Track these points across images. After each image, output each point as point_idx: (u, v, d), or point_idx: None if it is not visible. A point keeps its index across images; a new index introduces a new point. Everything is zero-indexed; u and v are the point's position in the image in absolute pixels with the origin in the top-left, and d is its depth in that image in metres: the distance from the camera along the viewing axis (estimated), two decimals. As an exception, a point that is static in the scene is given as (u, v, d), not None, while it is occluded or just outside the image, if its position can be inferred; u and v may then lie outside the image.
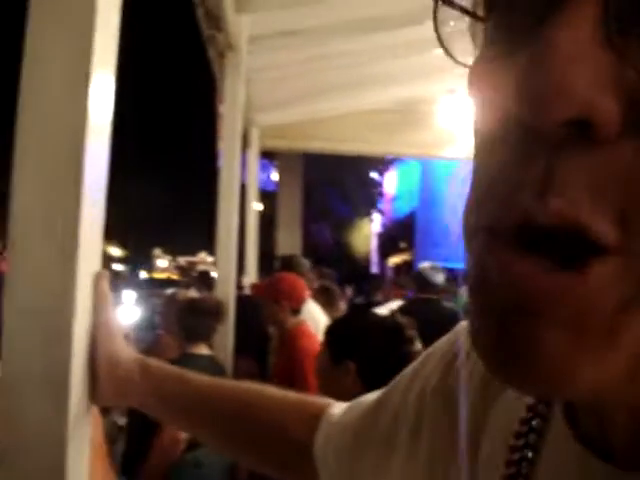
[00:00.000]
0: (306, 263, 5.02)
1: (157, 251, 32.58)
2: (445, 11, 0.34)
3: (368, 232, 26.40)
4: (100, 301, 0.88)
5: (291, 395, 0.87)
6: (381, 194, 26.01)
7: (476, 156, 0.34)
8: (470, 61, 0.34)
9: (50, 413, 0.81)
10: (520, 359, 0.30)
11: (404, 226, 21.81)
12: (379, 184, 25.79)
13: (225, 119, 3.96)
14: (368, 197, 26.18)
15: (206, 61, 4.39)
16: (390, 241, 23.79)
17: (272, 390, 0.89)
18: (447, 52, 0.34)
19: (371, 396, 0.73)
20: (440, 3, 0.34)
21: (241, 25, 3.93)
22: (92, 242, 0.86)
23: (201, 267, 10.86)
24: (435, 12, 0.34)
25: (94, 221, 0.87)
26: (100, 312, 0.89)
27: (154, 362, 0.93)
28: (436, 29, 0.34)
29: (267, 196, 12.19)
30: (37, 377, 0.81)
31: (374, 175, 25.52)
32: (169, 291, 4.31)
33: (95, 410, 0.95)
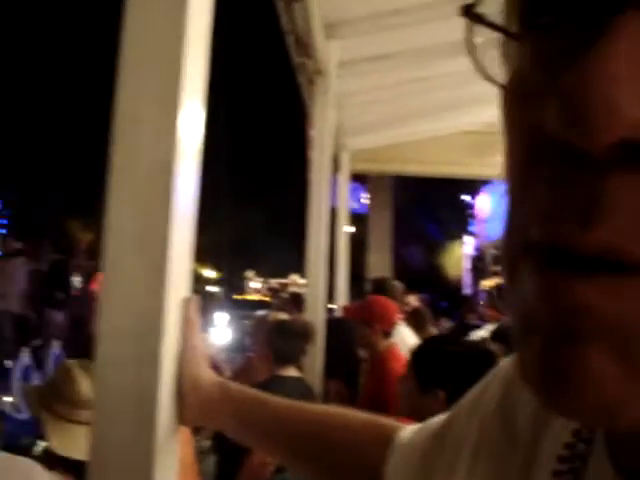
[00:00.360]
0: (399, 286, 4.99)
1: (250, 273, 33.13)
2: (479, 31, 0.32)
3: (460, 255, 26.01)
4: (188, 326, 0.91)
5: (369, 418, 0.87)
6: (473, 216, 25.62)
7: (511, 179, 0.33)
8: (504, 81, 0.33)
9: (139, 432, 0.83)
10: (569, 386, 0.29)
11: (497, 249, 21.37)
12: (470, 206, 25.44)
13: (315, 143, 4.00)
14: (459, 219, 25.87)
15: (296, 86, 4.46)
16: (483, 264, 23.35)
17: (355, 414, 0.88)
18: (484, 74, 0.33)
19: (440, 418, 0.72)
20: (472, 22, 0.32)
21: (330, 51, 3.97)
22: (181, 268, 0.88)
23: (292, 289, 10.96)
24: (468, 31, 0.32)
25: (184, 247, 0.89)
26: (187, 337, 0.91)
27: (235, 385, 0.95)
28: (469, 48, 0.32)
29: (358, 218, 12.21)
30: (128, 397, 0.83)
31: (465, 197, 25.20)
32: (260, 313, 4.36)
33: (186, 430, 0.97)
